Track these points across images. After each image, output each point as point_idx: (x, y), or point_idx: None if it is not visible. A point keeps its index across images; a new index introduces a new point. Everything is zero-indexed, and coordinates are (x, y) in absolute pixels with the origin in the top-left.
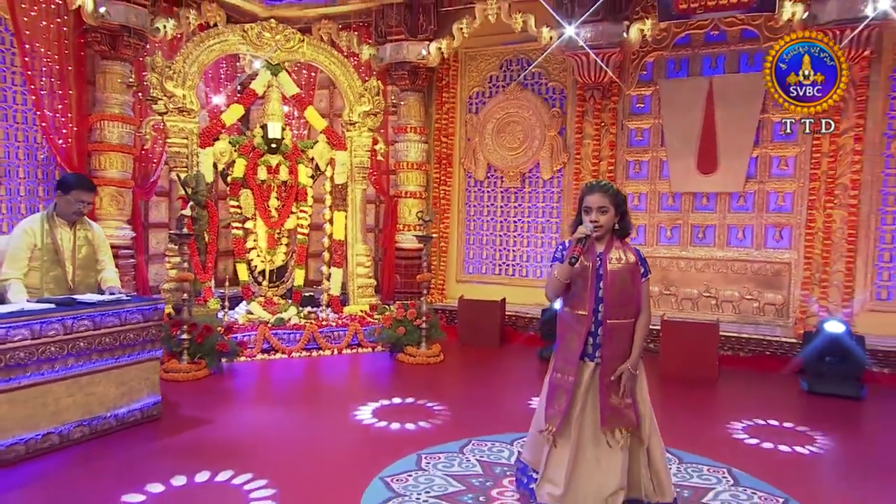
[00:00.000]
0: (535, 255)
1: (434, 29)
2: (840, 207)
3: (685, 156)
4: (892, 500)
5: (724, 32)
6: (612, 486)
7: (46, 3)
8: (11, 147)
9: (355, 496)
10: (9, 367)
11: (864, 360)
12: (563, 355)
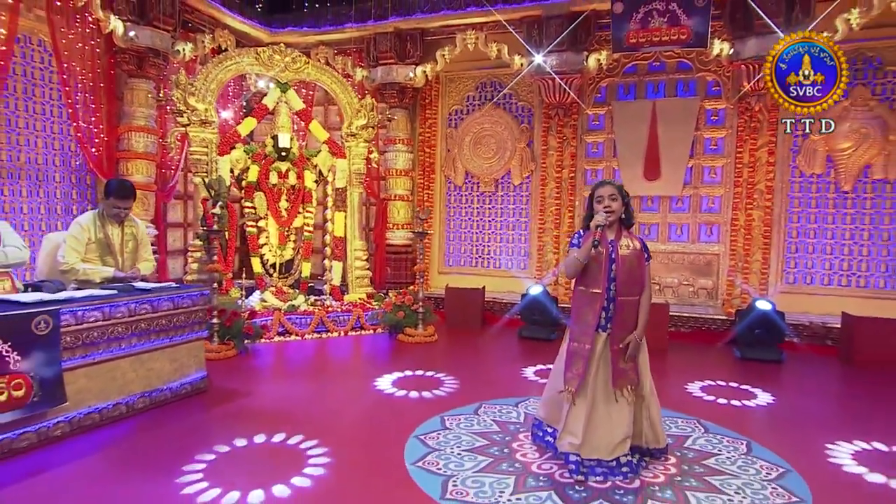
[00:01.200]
0: (507, 249)
1: (420, 54)
2: (757, 209)
3: (634, 165)
4: (822, 435)
5: (664, 63)
6: (620, 435)
7: (82, 28)
8: (49, 155)
9: (398, 452)
10: (85, 345)
11: (784, 331)
12: (579, 327)
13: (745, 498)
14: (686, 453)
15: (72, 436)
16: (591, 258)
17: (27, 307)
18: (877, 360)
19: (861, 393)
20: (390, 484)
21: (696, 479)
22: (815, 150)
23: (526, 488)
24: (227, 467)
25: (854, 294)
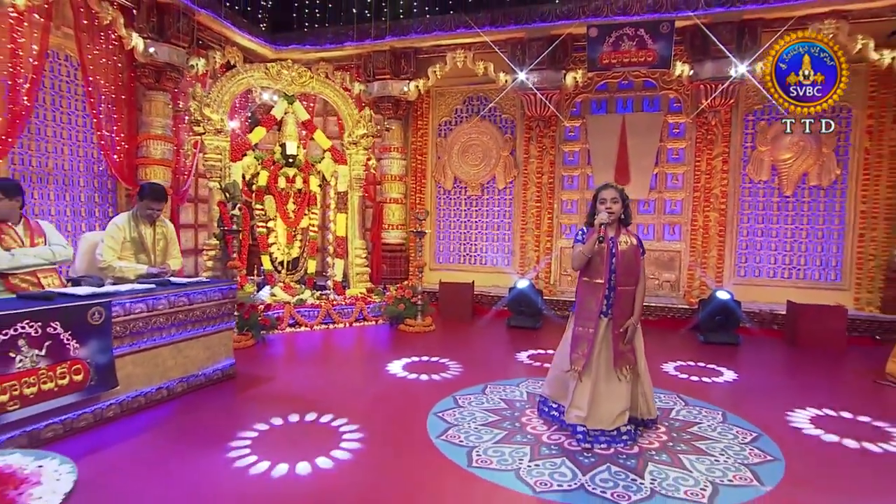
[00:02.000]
0: (492, 247)
1: (413, 71)
2: (713, 211)
3: (606, 172)
4: (782, 405)
5: (631, 82)
6: (620, 408)
7: (106, 44)
8: (74, 161)
9: (421, 428)
10: (132, 334)
11: (741, 318)
12: (584, 314)
13: (729, 458)
14: (673, 423)
15: (122, 416)
16: (594, 252)
17: (83, 299)
18: (816, 341)
19: (807, 369)
20: (421, 456)
21: (685, 444)
22: (762, 160)
23: (541, 456)
24: (271, 443)
25: (796, 285)
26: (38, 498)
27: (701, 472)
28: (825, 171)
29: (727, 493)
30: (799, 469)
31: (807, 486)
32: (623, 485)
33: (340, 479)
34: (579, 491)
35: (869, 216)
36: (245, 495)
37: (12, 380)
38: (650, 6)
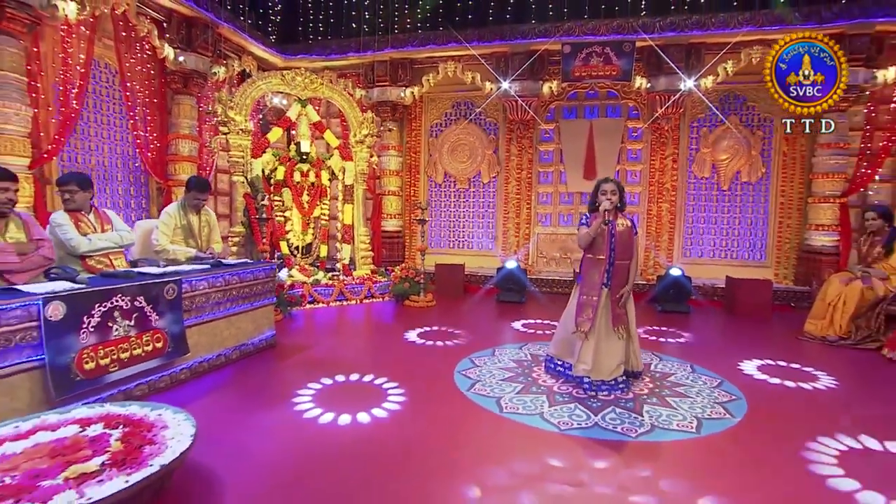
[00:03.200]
0: (478, 233)
1: (409, 78)
2: (665, 202)
3: (576, 168)
4: (732, 358)
5: (597, 92)
6: (616, 362)
7: (140, 54)
8: (113, 158)
9: (450, 384)
10: (197, 308)
11: (691, 291)
12: (588, 284)
13: (704, 398)
14: (654, 374)
15: (191, 379)
16: (598, 233)
17: (159, 277)
18: (749, 308)
19: (745, 330)
20: (459, 406)
21: (667, 390)
22: (705, 160)
23: (557, 402)
24: (328, 398)
25: (731, 263)
26: (172, 438)
27: (685, 409)
28: (753, 170)
29: (708, 424)
30: (756, 404)
31: (765, 415)
32: (628, 422)
33: (396, 425)
34: (595, 428)
35: (785, 207)
36: (318, 438)
37: (111, 346)
38: (615, 28)
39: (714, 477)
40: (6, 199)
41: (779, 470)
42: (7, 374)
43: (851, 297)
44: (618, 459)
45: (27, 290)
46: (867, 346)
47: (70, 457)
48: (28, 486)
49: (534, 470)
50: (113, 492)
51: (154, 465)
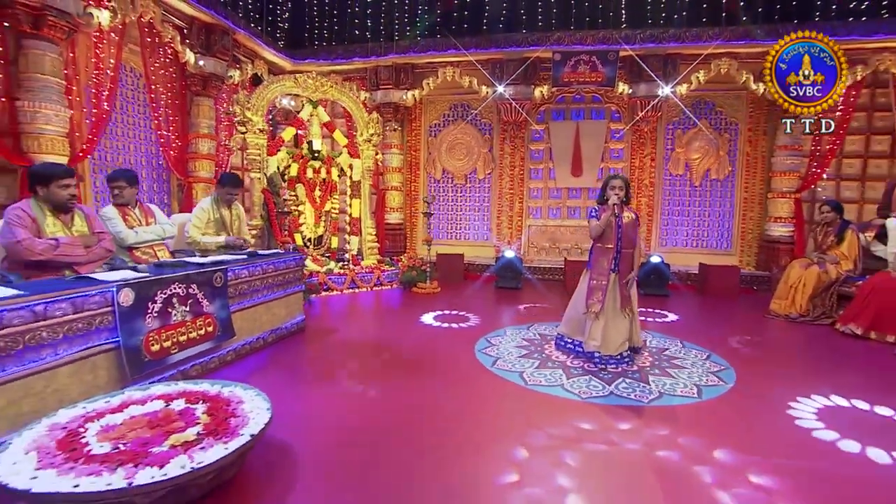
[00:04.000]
0: (474, 226)
1: (411, 82)
2: (644, 196)
3: (564, 166)
4: (714, 333)
5: (583, 96)
6: (622, 339)
7: (164, 58)
8: (138, 156)
9: (473, 360)
10: (240, 294)
11: (669, 275)
12: (598, 270)
13: (698, 369)
14: (651, 349)
15: (237, 360)
16: (608, 224)
17: (208, 266)
18: (719, 291)
19: (720, 310)
20: (488, 381)
21: (666, 363)
22: (679, 159)
23: (573, 375)
24: (370, 375)
25: (701, 252)
26: (251, 411)
27: (684, 378)
28: (721, 168)
29: (707, 390)
30: (742, 371)
31: (751, 381)
32: (638, 391)
33: (438, 398)
34: (611, 396)
35: (748, 201)
36: (370, 410)
37: (171, 329)
38: (600, 39)
39: (721, 434)
40: (69, 194)
41: (772, 425)
42: (90, 354)
43: (809, 280)
44: (638, 422)
45: (99, 278)
46: (822, 322)
47: (166, 427)
48: (141, 452)
49: (568, 433)
50: (218, 457)
51: (245, 435)
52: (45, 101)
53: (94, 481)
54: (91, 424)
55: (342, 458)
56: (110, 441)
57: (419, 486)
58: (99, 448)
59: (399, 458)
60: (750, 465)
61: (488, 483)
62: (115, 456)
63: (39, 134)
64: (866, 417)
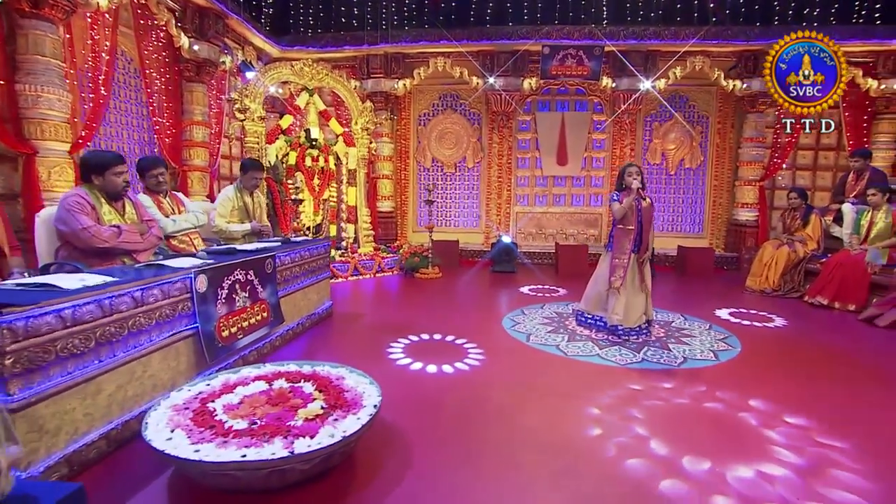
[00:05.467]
0: (463, 213)
1: (401, 71)
2: None
3: (550, 155)
4: (708, 306)
5: (567, 89)
6: (640, 312)
7: (157, 41)
8: (131, 144)
9: (507, 337)
10: (285, 281)
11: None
12: (620, 250)
13: (706, 337)
14: (659, 322)
15: (283, 345)
16: (630, 207)
17: (260, 253)
18: (697, 271)
19: (702, 288)
20: (531, 354)
21: (677, 333)
22: (657, 149)
23: (603, 346)
24: (413, 353)
25: (677, 235)
26: (356, 386)
27: (698, 345)
28: (694, 158)
29: (722, 354)
30: (744, 338)
31: (755, 345)
32: (665, 357)
33: (492, 371)
34: (644, 362)
35: (718, 189)
36: (412, 380)
37: (236, 315)
38: (586, 34)
39: (750, 387)
40: (123, 181)
41: (786, 378)
42: (175, 340)
43: (780, 259)
44: (677, 382)
45: (172, 265)
46: (792, 296)
47: (287, 404)
48: (280, 426)
49: (623, 393)
50: (358, 427)
51: (368, 406)
52: (48, 85)
53: (258, 451)
54: (210, 405)
55: (434, 427)
56: (243, 418)
57: (520, 443)
58: (237, 424)
59: (487, 424)
60: (782, 410)
61: (580, 437)
62: (259, 430)
63: (42, 119)
64: None
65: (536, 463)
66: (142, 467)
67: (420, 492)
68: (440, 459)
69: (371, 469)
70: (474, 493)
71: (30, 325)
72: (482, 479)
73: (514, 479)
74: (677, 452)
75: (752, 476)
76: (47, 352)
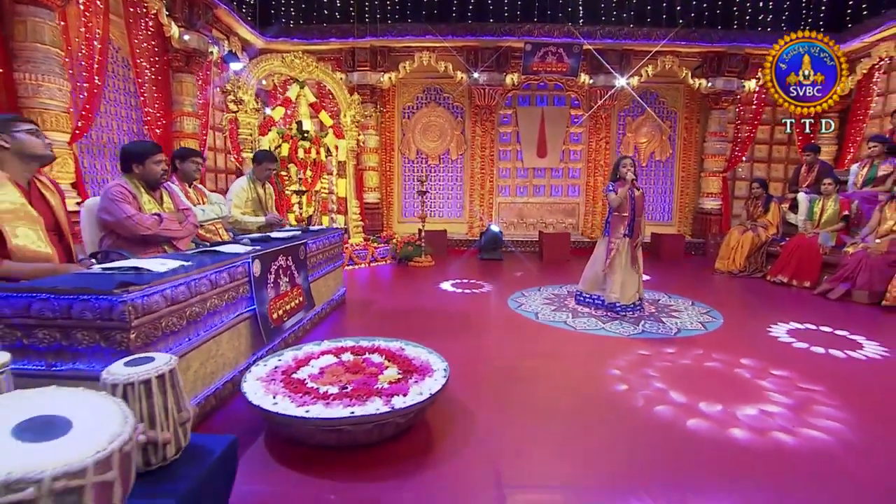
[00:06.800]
0: (447, 204)
1: (387, 65)
2: (600, 176)
3: (530, 148)
4: (687, 288)
5: (546, 84)
6: (634, 290)
7: (146, 30)
8: (121, 134)
9: (518, 316)
10: (311, 267)
11: None
12: (615, 235)
13: (691, 312)
14: (648, 300)
15: (312, 328)
16: (623, 197)
17: (292, 241)
18: (669, 255)
19: (678, 269)
20: (547, 331)
21: (666, 309)
22: (629, 142)
23: (603, 321)
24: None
25: (650, 223)
26: (419, 355)
27: (687, 318)
28: (663, 151)
29: (709, 324)
30: (724, 311)
31: (734, 317)
32: (661, 329)
33: (518, 345)
34: (644, 333)
35: (685, 180)
36: (446, 354)
37: (282, 299)
38: (566, 33)
39: (738, 350)
40: (162, 170)
41: (765, 343)
42: (238, 321)
43: (745, 243)
44: (677, 347)
45: (226, 251)
46: (756, 276)
47: (365, 372)
48: (371, 389)
49: (635, 358)
50: (439, 387)
51: (439, 370)
52: (48, 75)
53: (363, 408)
54: (295, 375)
55: (481, 392)
56: (331, 384)
57: (560, 401)
58: (330, 389)
59: (525, 387)
60: (767, 366)
61: (612, 392)
62: (353, 392)
63: (43, 109)
64: (819, 333)
65: (580, 415)
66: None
67: (487, 441)
68: (496, 418)
69: (443, 427)
70: (534, 441)
71: (145, 303)
72: (536, 430)
73: (563, 431)
74: (694, 399)
75: (756, 413)
76: (156, 328)
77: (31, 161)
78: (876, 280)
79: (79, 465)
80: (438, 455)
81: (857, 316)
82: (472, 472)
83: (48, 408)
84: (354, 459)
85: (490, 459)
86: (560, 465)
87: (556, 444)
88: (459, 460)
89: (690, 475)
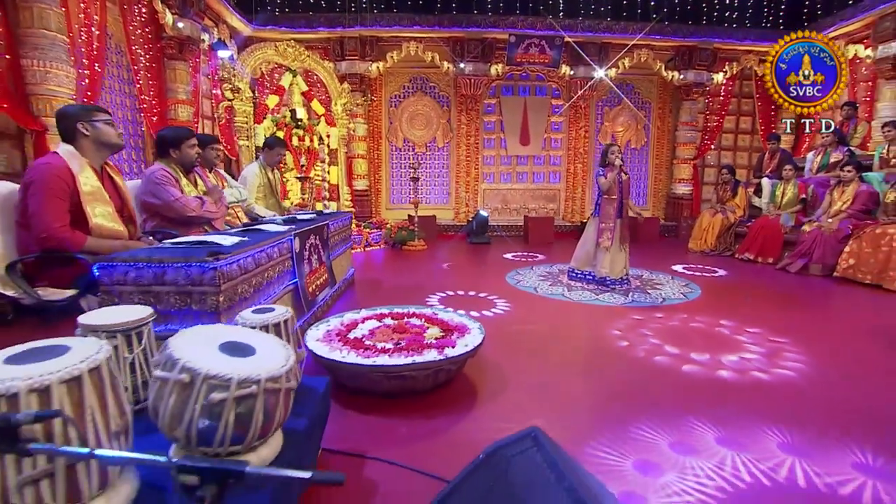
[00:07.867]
0: (434, 190)
1: (375, 54)
2: (579, 163)
3: (514, 136)
4: (667, 263)
5: (529, 75)
6: (622, 266)
7: (139, 15)
8: (118, 122)
9: (520, 291)
10: (331, 247)
11: None
12: (605, 216)
13: (673, 285)
14: (633, 275)
15: (333, 303)
16: (613, 181)
17: (315, 222)
18: (645, 237)
19: (654, 251)
20: (550, 303)
21: (650, 282)
22: (608, 131)
23: (596, 293)
24: (450, 304)
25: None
26: (451, 318)
27: (669, 290)
28: (639, 139)
29: (688, 294)
30: (701, 284)
31: (711, 289)
32: (648, 299)
33: (526, 314)
34: (634, 302)
35: (659, 167)
36: (490, 332)
37: (314, 274)
38: (548, 25)
39: (716, 313)
40: (195, 153)
41: (737, 307)
42: (285, 292)
43: (716, 224)
44: (664, 313)
45: (268, 230)
46: (726, 254)
47: (411, 331)
48: (421, 343)
49: (630, 322)
50: (479, 341)
51: (475, 329)
52: (56, 61)
53: (423, 358)
54: (350, 335)
55: (504, 353)
56: (386, 342)
57: (573, 357)
58: (386, 345)
59: (540, 346)
60: (742, 325)
61: (616, 347)
62: (407, 346)
63: (52, 97)
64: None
65: (593, 364)
66: None
67: (518, 387)
68: (523, 368)
69: (479, 377)
70: (558, 385)
71: (227, 271)
72: (559, 377)
73: (582, 376)
74: (685, 351)
75: (737, 360)
76: (235, 293)
77: (106, 148)
78: (828, 255)
79: (278, 372)
80: (481, 398)
81: (812, 286)
82: (510, 409)
83: (237, 337)
84: (412, 404)
85: (523, 399)
86: (582, 400)
87: (578, 386)
88: (499, 400)
89: (688, 403)
